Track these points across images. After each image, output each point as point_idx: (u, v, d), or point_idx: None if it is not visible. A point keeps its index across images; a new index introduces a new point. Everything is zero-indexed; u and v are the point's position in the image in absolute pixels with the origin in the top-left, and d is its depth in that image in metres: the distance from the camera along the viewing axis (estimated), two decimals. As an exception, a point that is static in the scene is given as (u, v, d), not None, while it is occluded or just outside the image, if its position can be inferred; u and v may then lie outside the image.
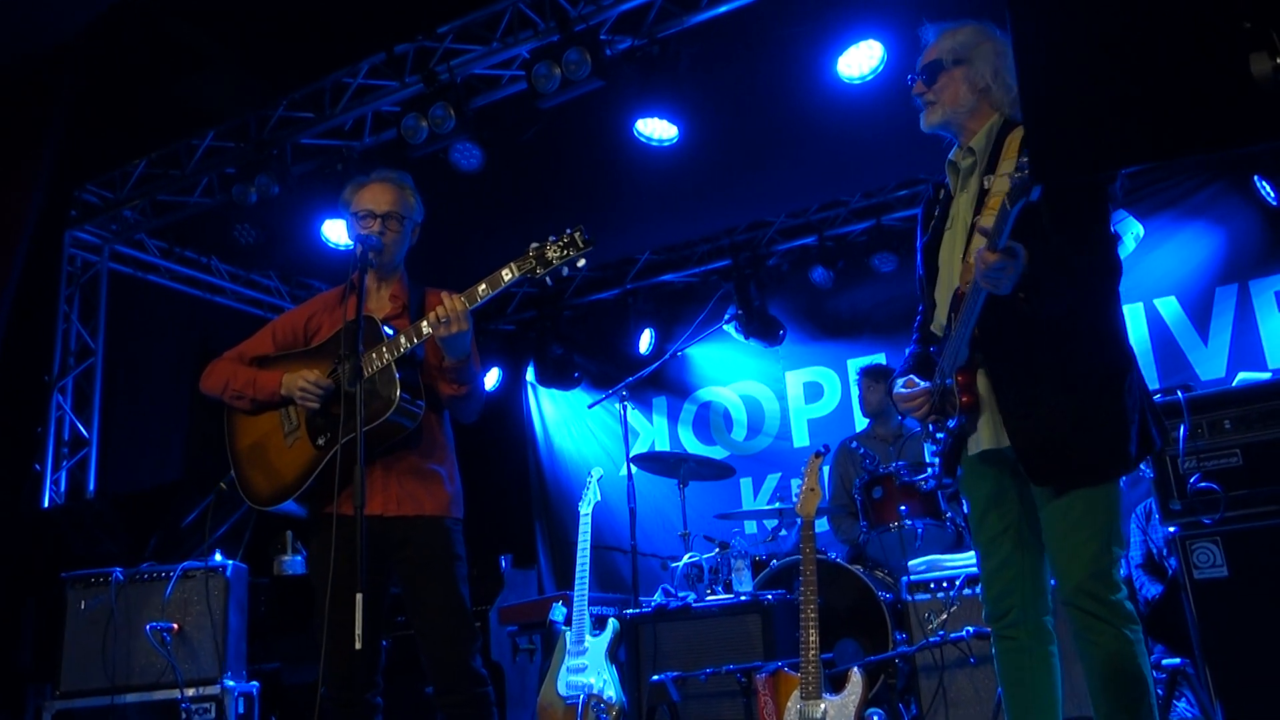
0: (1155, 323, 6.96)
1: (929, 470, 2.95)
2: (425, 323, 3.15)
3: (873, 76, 5.60)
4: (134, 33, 6.32)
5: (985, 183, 2.61)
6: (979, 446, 2.72)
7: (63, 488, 7.15)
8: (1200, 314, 6.79)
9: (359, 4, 6.12)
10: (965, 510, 3.09)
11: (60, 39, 6.05)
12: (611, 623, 5.01)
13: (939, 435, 2.80)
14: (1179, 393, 3.77)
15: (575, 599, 5.07)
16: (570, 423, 9.24)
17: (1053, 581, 2.76)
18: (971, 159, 2.79)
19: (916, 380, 2.86)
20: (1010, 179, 2.24)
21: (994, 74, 2.78)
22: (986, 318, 2.56)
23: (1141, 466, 4.81)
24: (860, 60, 5.57)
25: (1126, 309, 7.21)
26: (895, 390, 2.91)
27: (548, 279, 3.09)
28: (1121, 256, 6.94)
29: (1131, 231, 6.87)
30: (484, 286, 3.12)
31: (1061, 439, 2.55)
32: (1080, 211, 2.57)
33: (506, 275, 3.09)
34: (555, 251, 3.04)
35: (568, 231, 3.05)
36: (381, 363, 3.16)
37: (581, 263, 3.06)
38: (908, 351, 3.05)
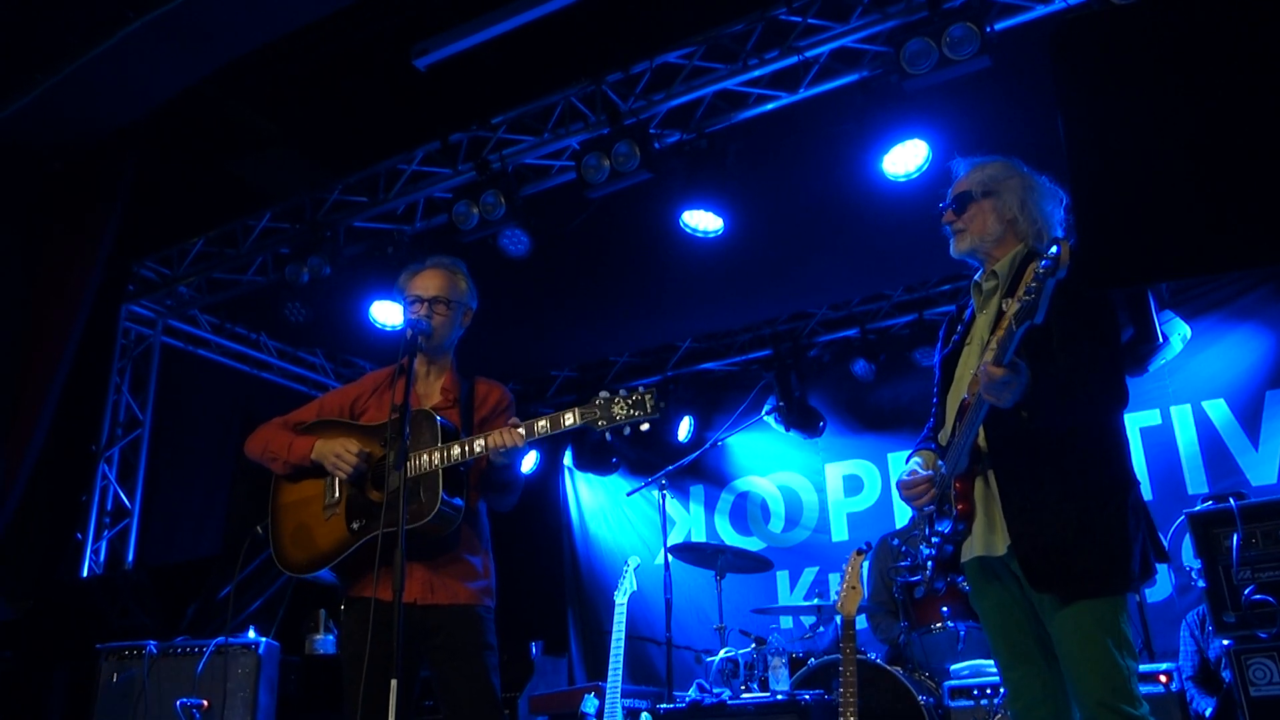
0: (1204, 425, 6.85)
1: (921, 575, 2.93)
2: (480, 441, 3.15)
3: (918, 174, 5.66)
4: (197, 115, 6.58)
5: (1004, 305, 2.75)
6: (972, 553, 2.80)
7: (102, 557, 7.20)
8: (1250, 418, 6.67)
9: (416, 94, 6.34)
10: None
11: (126, 121, 6.31)
12: (645, 716, 4.91)
13: (934, 540, 2.85)
14: (1231, 500, 3.69)
15: (608, 691, 4.98)
16: (607, 509, 9.20)
17: None
18: (994, 282, 2.93)
19: (919, 470, 2.95)
20: (1019, 301, 2.38)
21: (1020, 206, 2.93)
22: (992, 428, 2.68)
23: (1193, 574, 4.70)
24: (906, 159, 5.63)
25: (1174, 410, 7.13)
26: (899, 479, 3.01)
27: (608, 434, 3.07)
28: (1169, 357, 6.90)
29: (1178, 333, 6.81)
30: (544, 423, 3.12)
31: (1063, 545, 2.61)
32: (1085, 337, 2.68)
33: (568, 420, 3.09)
34: (622, 410, 3.03)
35: (639, 390, 3.03)
36: (430, 467, 3.18)
37: (645, 427, 3.02)
38: (916, 446, 3.13)
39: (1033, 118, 4.92)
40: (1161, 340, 6.79)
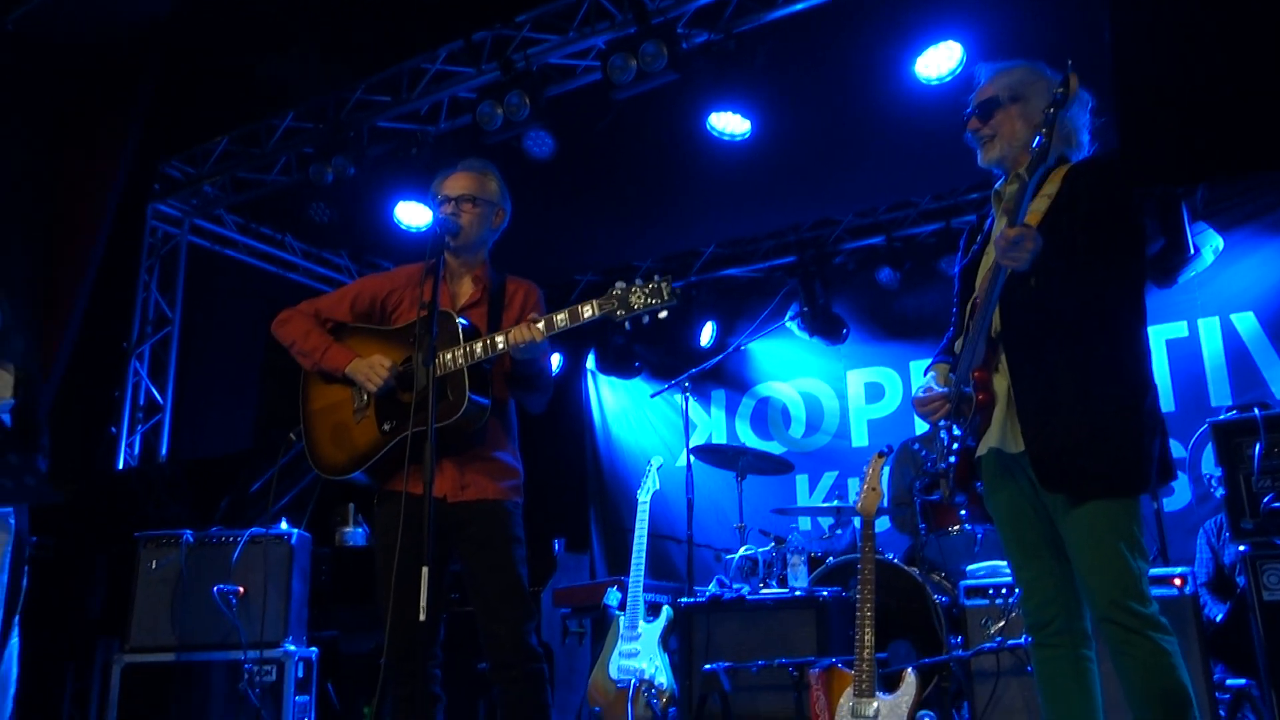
0: (1231, 337, 6.81)
1: (942, 485, 2.94)
2: (501, 338, 3.21)
3: (950, 78, 5.54)
4: (221, 13, 6.48)
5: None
6: (988, 445, 2.79)
7: (136, 451, 7.39)
8: (1278, 331, 6.63)
9: (439, -9, 6.22)
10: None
11: (149, 18, 6.23)
12: (665, 610, 5.05)
13: (954, 446, 2.84)
14: (1255, 410, 3.70)
15: (630, 584, 5.12)
16: (629, 411, 9.30)
17: None
18: (1016, 184, 2.83)
19: (935, 386, 2.92)
20: (1030, 153, 2.35)
21: None
22: (1007, 316, 2.67)
23: (1211, 483, 4.75)
24: (939, 61, 5.52)
25: (1201, 322, 7.10)
26: (914, 396, 2.98)
27: (626, 323, 3.11)
28: (1199, 269, 6.82)
29: (1210, 244, 6.73)
30: (562, 316, 3.15)
31: (1076, 447, 2.60)
32: (1106, 225, 2.62)
33: (586, 312, 3.11)
34: (639, 298, 3.05)
35: (655, 279, 3.05)
36: (455, 365, 3.23)
37: (663, 314, 3.06)
38: (933, 360, 3.11)
39: (1069, 18, 4.79)
40: (1193, 252, 6.71)
